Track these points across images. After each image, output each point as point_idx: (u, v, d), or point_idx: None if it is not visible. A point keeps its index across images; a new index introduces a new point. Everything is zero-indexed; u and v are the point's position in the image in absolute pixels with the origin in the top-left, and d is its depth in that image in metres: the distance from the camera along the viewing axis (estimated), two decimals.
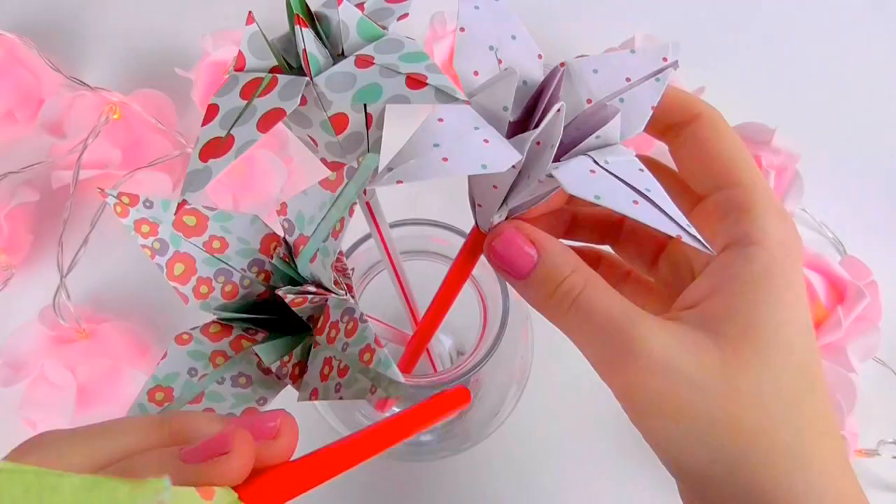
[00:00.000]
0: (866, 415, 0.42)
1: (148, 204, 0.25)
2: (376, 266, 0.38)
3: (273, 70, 0.24)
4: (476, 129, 0.24)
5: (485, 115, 0.25)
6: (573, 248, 0.28)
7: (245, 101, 0.22)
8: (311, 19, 0.24)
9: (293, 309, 0.25)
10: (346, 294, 0.25)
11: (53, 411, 0.42)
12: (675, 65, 0.27)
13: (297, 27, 0.23)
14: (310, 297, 0.24)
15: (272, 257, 0.26)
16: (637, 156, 0.25)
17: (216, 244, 0.26)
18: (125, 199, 0.25)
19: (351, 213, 0.24)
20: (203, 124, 0.22)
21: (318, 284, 0.25)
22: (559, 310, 0.26)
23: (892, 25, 0.57)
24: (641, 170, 0.25)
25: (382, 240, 0.31)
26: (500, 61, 0.26)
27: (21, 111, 0.51)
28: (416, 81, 0.22)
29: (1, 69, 0.50)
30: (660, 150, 0.31)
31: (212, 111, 0.22)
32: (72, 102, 0.48)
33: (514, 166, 0.24)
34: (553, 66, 0.26)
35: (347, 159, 0.27)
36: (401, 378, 0.21)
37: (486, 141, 0.23)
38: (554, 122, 0.24)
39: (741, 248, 0.28)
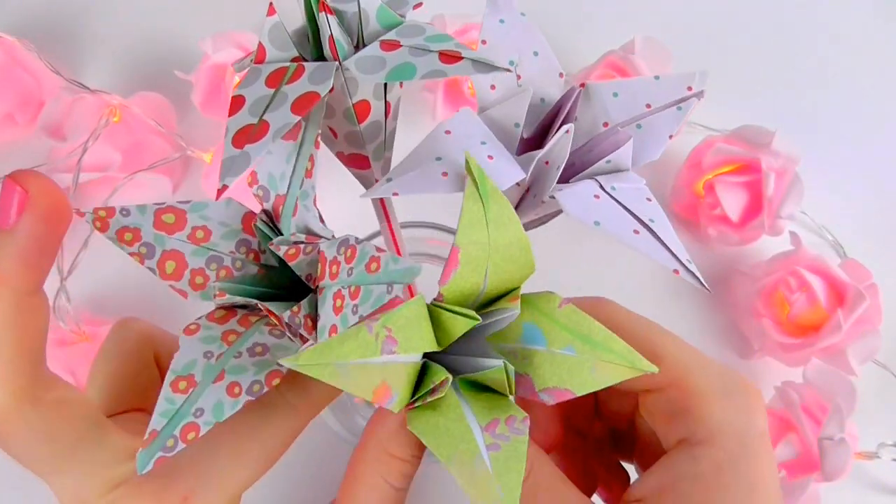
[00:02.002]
0: (866, 417, 0.42)
1: (125, 213, 0.25)
2: None
3: (294, 61, 0.24)
4: (483, 143, 0.23)
5: (496, 129, 0.25)
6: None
7: (273, 89, 0.22)
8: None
9: (289, 264, 0.25)
10: (334, 234, 0.25)
11: None
12: (700, 94, 0.26)
13: (321, 13, 0.23)
14: (302, 246, 0.24)
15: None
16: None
17: (199, 234, 0.26)
18: (102, 213, 0.25)
19: (317, 145, 0.24)
20: (230, 115, 0.22)
21: (307, 232, 0.25)
22: None
23: (893, 27, 0.57)
24: (649, 199, 0.24)
25: (392, 235, 0.31)
26: (519, 77, 0.26)
27: (21, 114, 0.51)
28: (450, 57, 0.22)
29: (1, 72, 0.50)
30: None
31: (237, 102, 0.22)
32: (72, 105, 0.48)
33: (518, 184, 0.24)
34: (573, 86, 0.26)
35: (367, 149, 0.27)
36: (414, 264, 0.21)
37: (490, 157, 0.23)
38: (561, 142, 0.23)
39: (689, 447, 0.26)
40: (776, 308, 0.45)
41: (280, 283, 0.27)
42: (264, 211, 0.26)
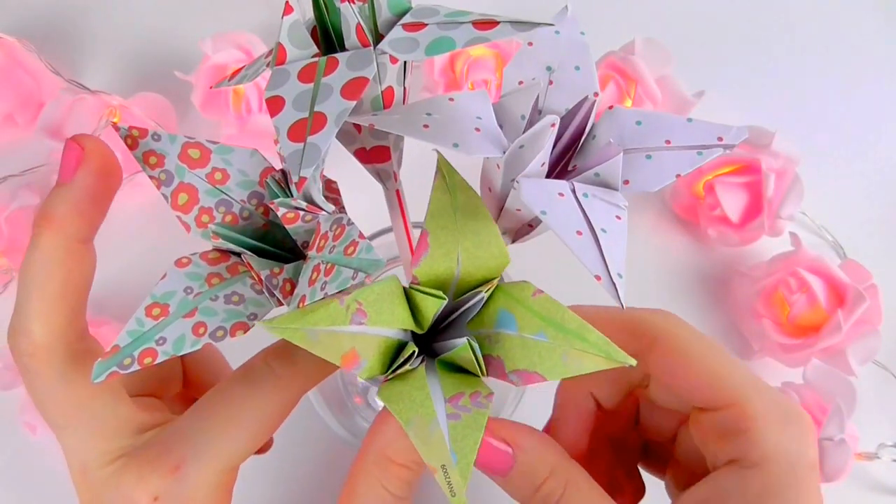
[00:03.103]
0: (866, 418, 0.42)
1: (156, 137, 0.27)
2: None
3: (314, 57, 0.24)
4: (478, 118, 0.24)
5: (504, 118, 0.25)
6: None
7: (310, 84, 0.22)
8: (332, 9, 0.24)
9: (286, 227, 0.25)
10: (336, 210, 0.25)
11: None
12: (729, 147, 0.25)
13: (343, 4, 0.23)
14: (301, 213, 0.25)
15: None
16: None
17: (218, 176, 0.27)
18: (135, 133, 0.27)
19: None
20: (273, 115, 0.22)
21: (310, 202, 0.26)
22: None
23: (893, 27, 0.57)
24: (619, 217, 0.24)
25: (407, 230, 0.31)
26: (551, 82, 0.26)
27: (21, 114, 0.51)
28: (485, 24, 0.22)
29: (1, 72, 0.50)
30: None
31: (276, 102, 0.22)
32: (72, 106, 0.48)
33: (498, 166, 0.24)
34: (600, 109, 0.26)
35: (389, 139, 0.27)
36: (380, 258, 0.21)
37: (477, 129, 0.23)
38: (541, 130, 0.23)
39: (739, 468, 0.26)
40: (776, 309, 0.46)
41: (281, 243, 0.28)
42: (282, 170, 0.27)
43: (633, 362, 0.23)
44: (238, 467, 0.28)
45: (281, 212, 0.25)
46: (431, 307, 0.25)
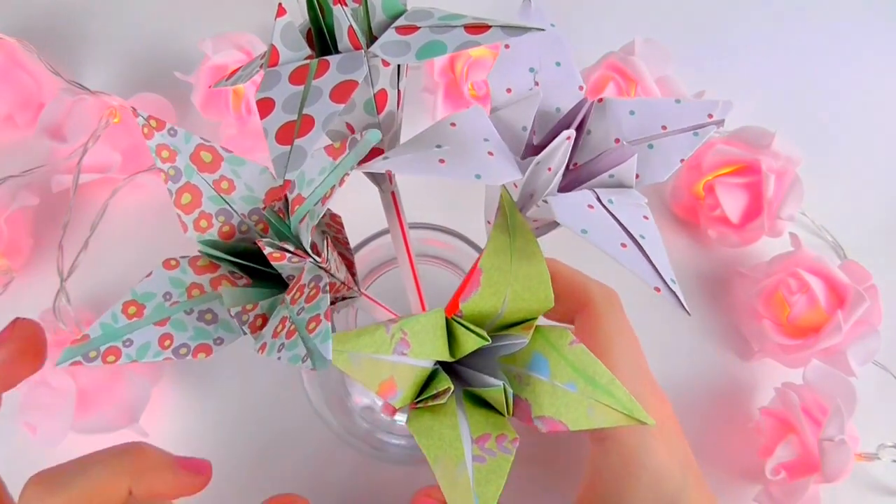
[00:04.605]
0: (866, 419, 0.42)
1: (172, 132, 0.27)
2: (379, 267, 0.39)
3: (308, 59, 0.24)
4: (485, 140, 0.24)
5: (504, 130, 0.25)
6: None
7: (300, 86, 0.23)
8: (327, 11, 0.24)
9: (272, 263, 0.26)
10: (320, 261, 0.26)
11: (53, 415, 0.42)
12: (720, 123, 0.26)
13: (336, 6, 0.23)
14: (288, 255, 0.25)
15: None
16: None
17: (224, 185, 0.28)
18: (153, 123, 0.27)
19: (341, 183, 0.24)
20: (262, 117, 0.22)
21: (300, 246, 0.26)
22: None
23: (892, 28, 0.57)
24: (646, 217, 0.24)
25: (403, 232, 0.31)
26: (536, 83, 0.26)
27: (21, 115, 0.51)
28: (476, 28, 0.22)
29: (1, 73, 0.50)
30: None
31: (267, 104, 0.22)
32: (72, 106, 0.48)
33: (515, 185, 0.24)
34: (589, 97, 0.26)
35: (384, 141, 0.27)
36: (329, 356, 0.21)
37: (490, 153, 0.23)
38: (560, 147, 0.24)
39: (599, 441, 0.32)
40: (776, 309, 0.46)
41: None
42: (286, 198, 0.27)
43: (653, 423, 0.23)
44: None
45: (267, 251, 0.25)
46: (472, 344, 0.25)
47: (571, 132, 0.23)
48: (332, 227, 0.28)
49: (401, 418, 0.39)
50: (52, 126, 0.48)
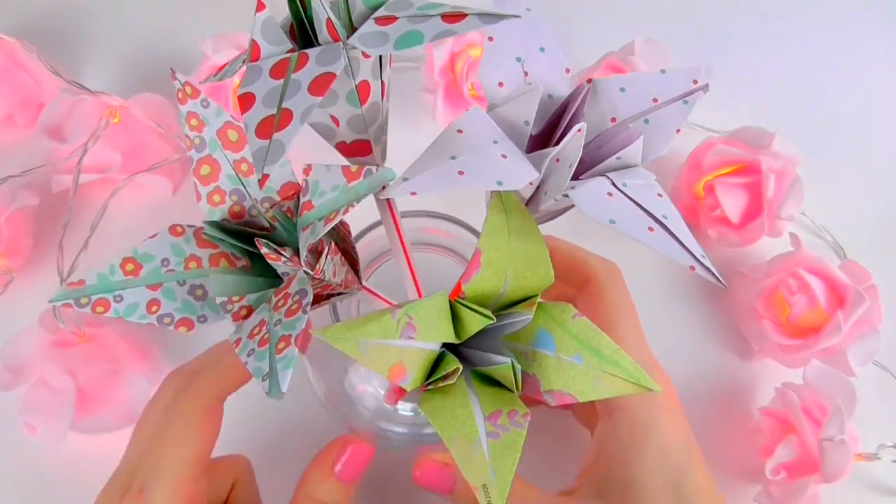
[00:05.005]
0: (866, 419, 0.42)
1: (205, 103, 0.27)
2: (377, 259, 0.39)
3: (289, 52, 0.24)
4: (495, 142, 0.24)
5: (506, 127, 0.25)
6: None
7: (280, 80, 0.23)
8: (308, 4, 0.25)
9: (268, 261, 0.26)
10: (313, 274, 0.26)
11: (53, 415, 0.42)
12: (705, 88, 0.26)
13: (312, 0, 0.23)
14: (283, 259, 0.25)
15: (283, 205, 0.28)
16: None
17: (244, 167, 0.28)
18: (188, 90, 0.27)
19: (346, 211, 0.25)
20: (243, 112, 0.22)
21: (294, 252, 0.26)
22: None
23: (892, 28, 0.57)
24: (660, 195, 0.25)
25: (396, 226, 0.31)
26: (526, 73, 0.26)
27: (21, 115, 0.51)
28: (453, 17, 0.22)
29: (1, 73, 0.50)
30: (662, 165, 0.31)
31: (247, 99, 0.23)
32: (72, 106, 0.48)
33: (530, 182, 0.24)
34: (580, 81, 0.26)
35: (369, 133, 0.27)
36: (285, 388, 0.22)
37: (503, 156, 0.23)
38: (574, 142, 0.24)
39: (608, 414, 0.33)
40: (776, 309, 0.46)
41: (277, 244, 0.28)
42: (298, 197, 0.27)
43: (659, 389, 0.24)
44: (199, 476, 0.31)
45: (264, 251, 0.25)
46: (477, 325, 0.26)
47: (582, 125, 0.24)
48: (339, 230, 0.28)
49: (402, 407, 0.40)
50: (52, 126, 0.48)
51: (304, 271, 0.25)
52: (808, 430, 0.41)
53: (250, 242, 0.28)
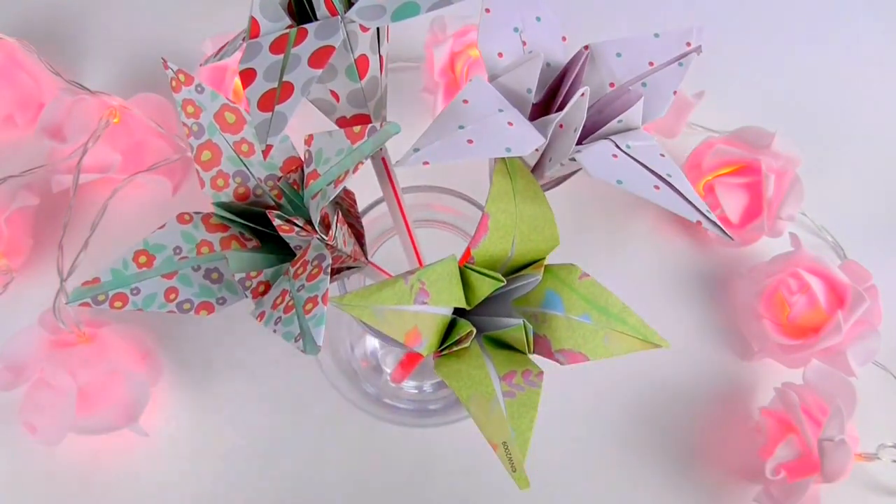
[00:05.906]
0: (866, 419, 0.42)
1: (199, 89, 0.28)
2: (381, 236, 0.39)
3: (288, 28, 0.25)
4: (500, 111, 0.24)
5: (508, 96, 0.25)
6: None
7: (280, 55, 0.23)
8: None
9: (281, 234, 0.26)
10: (327, 239, 0.26)
11: (54, 415, 0.42)
12: (698, 49, 0.27)
13: None
14: (297, 229, 0.26)
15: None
16: None
17: (245, 147, 0.28)
18: (181, 77, 0.28)
19: (355, 170, 0.25)
20: (245, 87, 0.23)
21: (310, 221, 0.26)
22: None
23: (892, 28, 0.57)
24: (662, 155, 0.25)
25: (397, 197, 0.31)
26: (524, 43, 0.27)
27: (21, 115, 0.51)
28: None
29: (1, 73, 0.50)
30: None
31: (248, 74, 0.23)
32: (72, 106, 0.48)
33: (536, 149, 0.25)
34: (577, 48, 0.26)
35: (369, 107, 0.28)
36: (320, 342, 0.22)
37: (510, 123, 0.24)
38: (578, 106, 0.24)
39: None
40: (776, 309, 0.46)
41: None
42: (302, 170, 0.27)
43: (668, 345, 0.25)
44: None
45: (276, 222, 0.26)
46: (487, 288, 0.26)
47: (586, 89, 0.24)
48: (345, 201, 0.29)
49: (407, 385, 0.40)
50: (52, 126, 0.48)
51: (319, 237, 0.26)
52: (808, 430, 0.41)
53: (259, 222, 0.28)
